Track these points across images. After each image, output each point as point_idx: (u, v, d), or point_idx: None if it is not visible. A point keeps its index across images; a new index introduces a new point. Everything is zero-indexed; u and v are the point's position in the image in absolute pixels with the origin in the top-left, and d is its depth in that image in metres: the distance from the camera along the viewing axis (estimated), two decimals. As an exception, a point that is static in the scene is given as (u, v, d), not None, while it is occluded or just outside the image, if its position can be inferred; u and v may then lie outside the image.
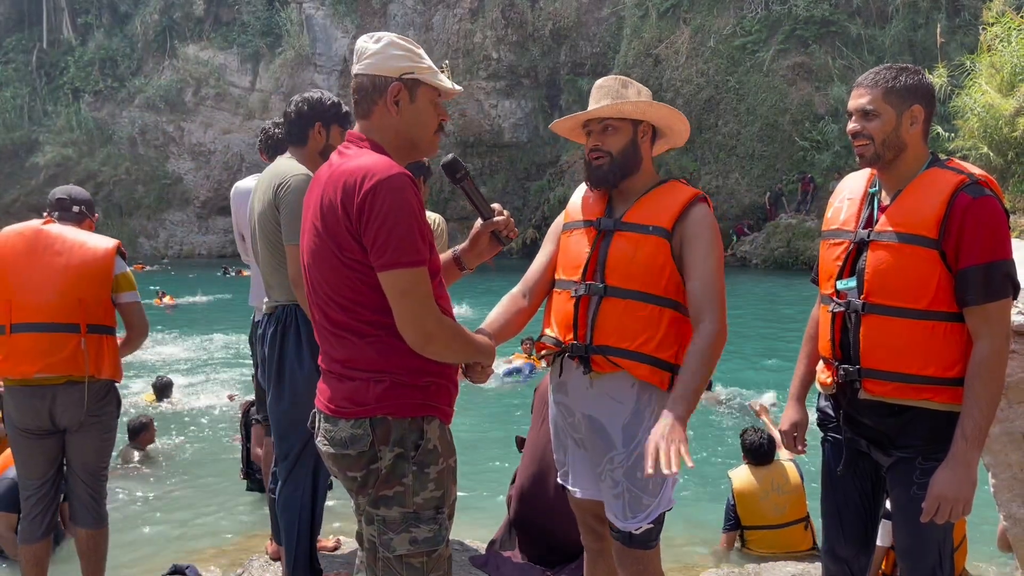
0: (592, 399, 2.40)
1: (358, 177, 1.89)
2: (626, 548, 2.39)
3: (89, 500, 3.38)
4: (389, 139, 2.04)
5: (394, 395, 1.96)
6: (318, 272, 2.00)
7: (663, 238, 2.32)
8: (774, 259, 24.75)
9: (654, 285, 2.31)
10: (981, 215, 2.14)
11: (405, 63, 2.01)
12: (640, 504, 2.35)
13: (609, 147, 2.39)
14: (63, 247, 3.30)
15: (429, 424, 2.01)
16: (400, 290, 1.90)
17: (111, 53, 38.72)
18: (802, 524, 4.52)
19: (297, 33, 35.37)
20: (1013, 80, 16.32)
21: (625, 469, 2.35)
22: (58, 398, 3.23)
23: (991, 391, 2.14)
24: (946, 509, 2.15)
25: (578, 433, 2.47)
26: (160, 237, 37.97)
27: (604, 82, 2.46)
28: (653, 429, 2.14)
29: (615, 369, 2.34)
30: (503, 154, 33.34)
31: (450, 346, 1.99)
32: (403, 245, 1.88)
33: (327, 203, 1.95)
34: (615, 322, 2.34)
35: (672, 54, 28.60)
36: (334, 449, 2.01)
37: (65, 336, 3.23)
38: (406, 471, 1.98)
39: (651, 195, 2.41)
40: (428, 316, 1.93)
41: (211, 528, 5.25)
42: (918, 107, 2.27)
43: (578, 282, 2.40)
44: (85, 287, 3.28)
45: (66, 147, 36.85)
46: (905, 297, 2.21)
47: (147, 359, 12.28)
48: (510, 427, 7.76)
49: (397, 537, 1.99)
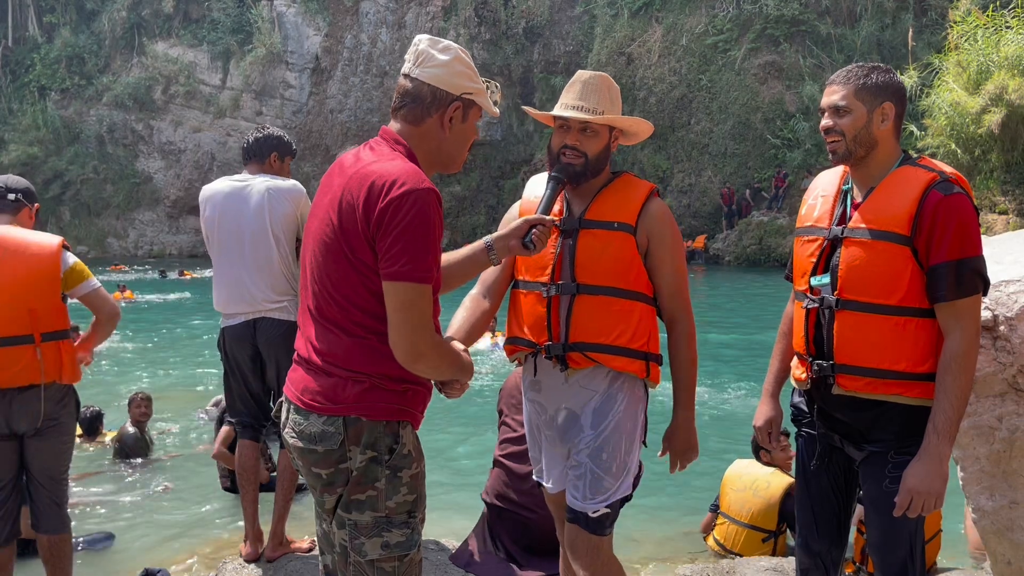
0: (567, 393, 2.44)
1: (387, 181, 1.86)
2: (581, 530, 2.40)
3: (50, 505, 3.30)
4: (427, 150, 2.03)
5: (372, 397, 1.94)
6: (322, 263, 1.96)
7: (629, 233, 2.39)
8: (746, 256, 24.92)
9: (623, 280, 2.38)
10: (952, 212, 2.17)
11: (467, 83, 2.03)
12: (601, 486, 2.39)
13: (586, 149, 2.41)
14: (4, 255, 3.11)
15: (404, 429, 1.99)
16: (401, 303, 1.87)
17: (78, 50, 38.10)
18: (763, 535, 4.57)
19: (268, 31, 35.01)
20: (979, 78, 16.57)
21: (591, 450, 2.39)
22: (14, 403, 3.13)
23: (961, 386, 2.17)
24: (918, 502, 2.18)
25: (551, 429, 2.50)
26: (130, 237, 37.45)
27: (591, 79, 2.43)
28: (678, 437, 2.49)
29: (591, 364, 2.39)
30: (477, 152, 33.25)
31: (438, 367, 1.98)
32: (416, 259, 1.85)
33: (348, 199, 1.91)
34: (590, 319, 2.38)
35: (644, 53, 28.71)
36: (302, 443, 1.98)
37: (19, 349, 3.11)
38: (379, 475, 1.95)
39: (608, 190, 2.46)
40: (423, 335, 1.89)
41: (183, 531, 5.18)
42: (889, 104, 2.30)
43: (547, 283, 2.42)
44: (34, 297, 3.14)
45: (32, 145, 36.20)
46: (878, 293, 2.24)
47: (114, 363, 12.10)
48: (483, 424, 7.76)
49: (369, 541, 1.97)
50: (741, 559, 4.17)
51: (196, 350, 12.94)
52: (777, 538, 4.54)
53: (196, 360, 12.01)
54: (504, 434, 3.86)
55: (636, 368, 2.40)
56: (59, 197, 36.20)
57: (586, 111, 2.38)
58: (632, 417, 2.44)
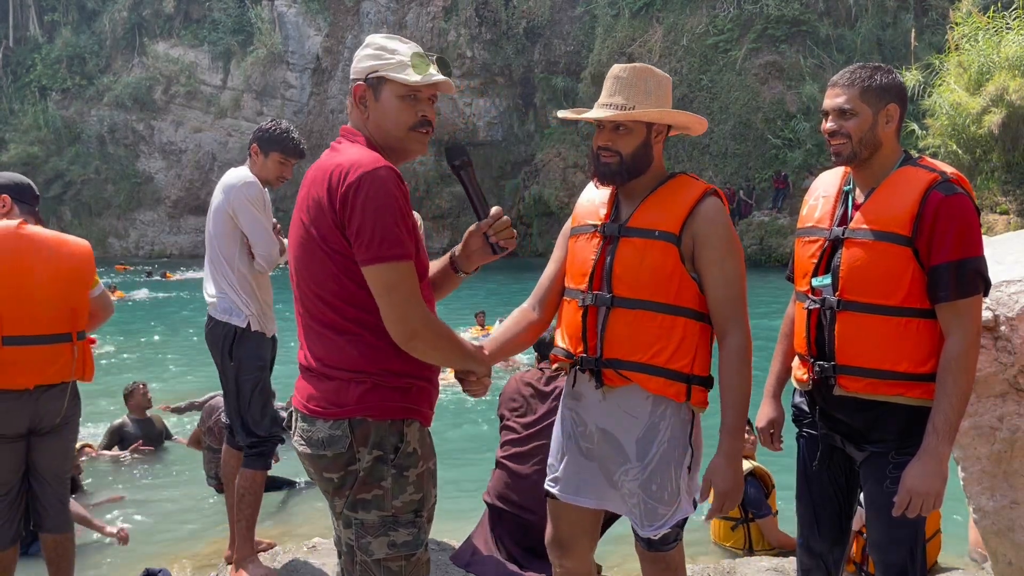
0: (606, 412, 2.33)
1: (343, 169, 1.89)
2: (647, 552, 2.37)
3: (56, 504, 3.30)
4: (371, 136, 2.03)
5: (375, 397, 1.93)
6: (304, 267, 1.98)
7: (671, 243, 2.21)
8: (747, 256, 24.82)
9: (664, 294, 2.22)
10: (953, 213, 2.16)
11: (371, 63, 2.01)
12: (656, 513, 2.31)
13: (620, 148, 2.26)
14: (49, 253, 3.16)
15: (409, 427, 1.98)
16: (385, 285, 1.87)
17: (79, 51, 38.13)
18: (730, 523, 4.64)
19: (269, 31, 35.03)
20: (980, 79, 16.58)
21: (640, 482, 2.30)
22: (41, 400, 3.16)
23: (962, 386, 2.16)
24: (917, 503, 2.18)
25: (589, 443, 2.39)
26: (131, 237, 37.48)
27: (621, 72, 2.29)
28: (719, 475, 2.22)
29: (626, 383, 2.26)
30: (478, 153, 33.26)
31: (436, 346, 1.96)
32: (388, 239, 1.85)
33: (313, 195, 1.94)
34: (625, 334, 2.25)
35: (645, 53, 28.71)
36: (311, 450, 1.97)
37: (61, 347, 3.17)
38: (385, 474, 1.95)
39: (658, 194, 2.30)
40: (414, 312, 1.89)
41: (183, 530, 5.19)
42: (893, 106, 2.29)
43: (585, 291, 2.30)
44: (74, 296, 3.22)
45: (32, 145, 36.24)
46: (879, 294, 2.23)
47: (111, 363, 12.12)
48: (484, 425, 7.76)
49: (375, 541, 1.97)
50: (741, 559, 4.19)
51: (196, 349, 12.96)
52: (748, 526, 4.57)
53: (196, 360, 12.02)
54: (506, 436, 3.85)
55: (674, 392, 2.22)
56: (60, 197, 36.23)
57: (615, 107, 2.24)
58: (679, 445, 2.29)
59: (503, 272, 21.95)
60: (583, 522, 2.47)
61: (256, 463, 3.65)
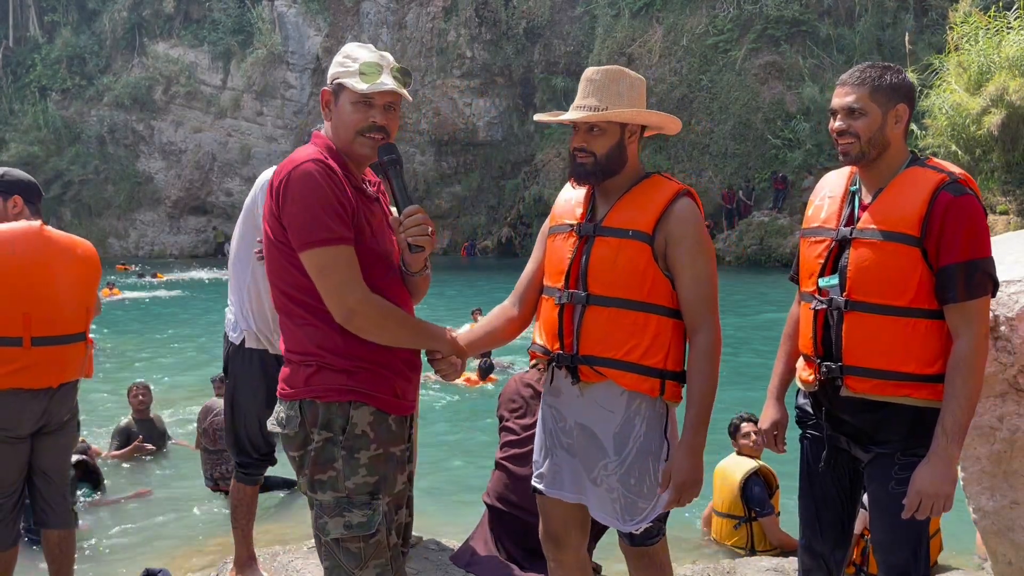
0: (583, 407, 2.38)
1: (282, 167, 2.07)
2: (630, 547, 2.41)
3: (60, 501, 3.34)
4: (334, 140, 2.16)
5: (319, 379, 2.05)
6: (268, 261, 2.13)
7: (644, 242, 2.27)
8: (747, 256, 24.92)
9: (637, 291, 2.27)
10: (962, 213, 2.16)
11: (336, 69, 2.15)
12: (636, 508, 2.35)
13: (594, 148, 2.32)
14: (68, 255, 3.24)
15: (357, 410, 2.05)
16: (318, 268, 2.00)
17: (79, 51, 38.08)
18: (734, 522, 4.71)
19: (269, 31, 34.99)
20: (980, 79, 16.58)
21: (619, 476, 2.34)
22: (54, 398, 3.22)
23: (971, 387, 2.16)
24: (927, 504, 2.17)
25: (569, 438, 2.44)
26: (131, 237, 37.45)
27: (594, 75, 2.36)
28: (676, 467, 2.24)
29: (602, 379, 2.31)
30: (477, 153, 33.27)
31: (380, 324, 2.05)
32: (315, 225, 1.98)
33: (268, 196, 2.10)
34: (600, 331, 2.30)
35: (645, 53, 28.70)
36: (278, 428, 2.12)
37: (78, 346, 3.27)
38: (336, 455, 2.05)
39: (632, 193, 2.35)
40: (350, 292, 2.00)
41: (183, 531, 5.19)
42: (903, 106, 2.29)
43: (561, 289, 2.36)
44: (89, 296, 3.33)
45: (32, 145, 36.20)
46: (887, 294, 2.22)
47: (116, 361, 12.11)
48: (483, 426, 7.76)
49: (331, 521, 2.06)
50: (741, 559, 4.19)
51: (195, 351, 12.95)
52: (750, 525, 4.60)
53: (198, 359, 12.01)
54: (506, 437, 3.85)
55: (648, 387, 2.28)
56: (60, 197, 36.19)
57: (588, 109, 2.30)
58: (655, 439, 2.34)
59: (503, 272, 21.95)
60: (573, 515, 2.50)
61: (244, 479, 3.52)
